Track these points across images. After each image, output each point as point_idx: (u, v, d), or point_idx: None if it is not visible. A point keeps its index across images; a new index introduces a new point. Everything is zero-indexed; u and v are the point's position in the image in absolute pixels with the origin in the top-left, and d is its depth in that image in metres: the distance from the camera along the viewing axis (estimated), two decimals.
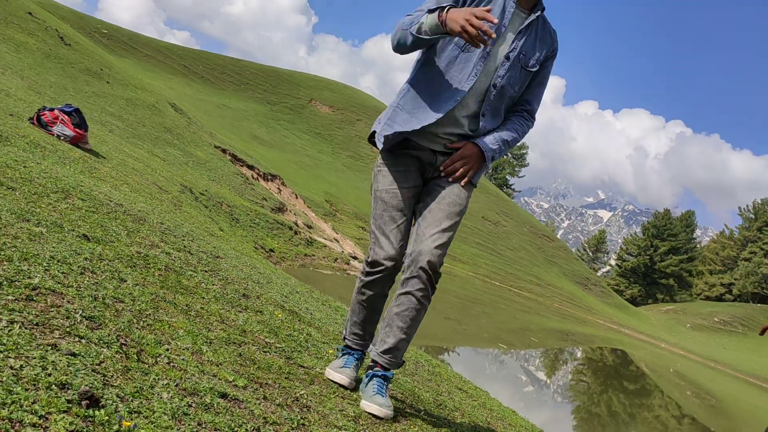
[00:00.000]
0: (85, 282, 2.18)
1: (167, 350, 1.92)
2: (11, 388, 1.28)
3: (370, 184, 2.58)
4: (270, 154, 28.71)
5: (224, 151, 17.27)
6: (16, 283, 1.87)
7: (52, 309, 1.80)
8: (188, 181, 10.57)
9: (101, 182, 5.15)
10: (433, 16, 2.23)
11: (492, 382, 9.96)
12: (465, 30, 2.12)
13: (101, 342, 1.73)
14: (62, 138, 6.39)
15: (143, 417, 1.42)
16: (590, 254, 78.88)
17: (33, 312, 1.72)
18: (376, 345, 2.48)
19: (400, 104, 2.51)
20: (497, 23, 2.17)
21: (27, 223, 2.59)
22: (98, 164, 6.17)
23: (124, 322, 1.97)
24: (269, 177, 18.97)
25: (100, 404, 1.37)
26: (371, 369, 2.47)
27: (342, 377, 2.50)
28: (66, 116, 6.53)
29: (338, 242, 17.67)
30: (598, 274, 69.13)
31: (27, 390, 1.30)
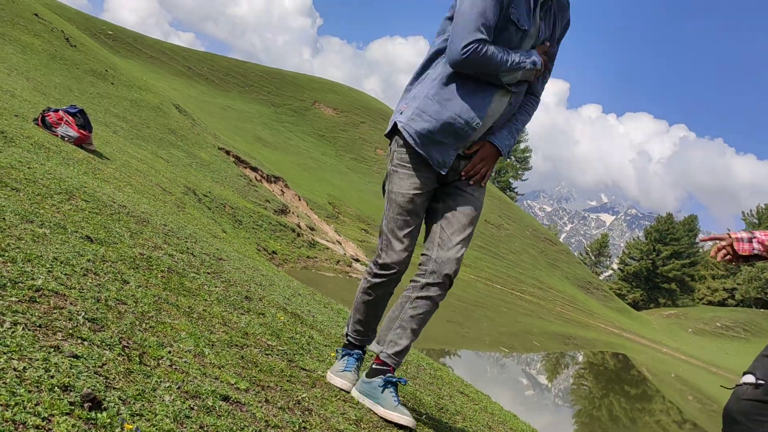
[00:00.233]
0: (88, 284, 2.19)
1: (169, 353, 1.92)
2: (14, 390, 1.28)
3: (383, 183, 2.54)
4: (274, 156, 28.74)
5: (228, 153, 17.30)
6: (20, 285, 1.88)
7: (55, 311, 1.81)
8: (192, 183, 10.59)
9: (105, 183, 5.17)
10: (530, 72, 2.39)
11: (493, 386, 9.95)
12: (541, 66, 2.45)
13: (104, 344, 1.73)
14: (66, 139, 6.41)
15: (145, 420, 1.43)
16: (593, 258, 78.77)
17: (36, 314, 1.72)
18: (385, 346, 2.45)
19: (431, 94, 2.39)
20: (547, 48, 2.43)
21: (31, 225, 2.60)
22: (102, 165, 6.19)
23: (127, 324, 1.97)
24: (272, 179, 18.99)
25: (103, 406, 1.38)
26: (382, 373, 2.43)
27: (344, 382, 2.51)
28: (70, 117, 6.55)
29: (341, 244, 17.68)
30: (601, 278, 69.03)
31: (30, 392, 1.31)
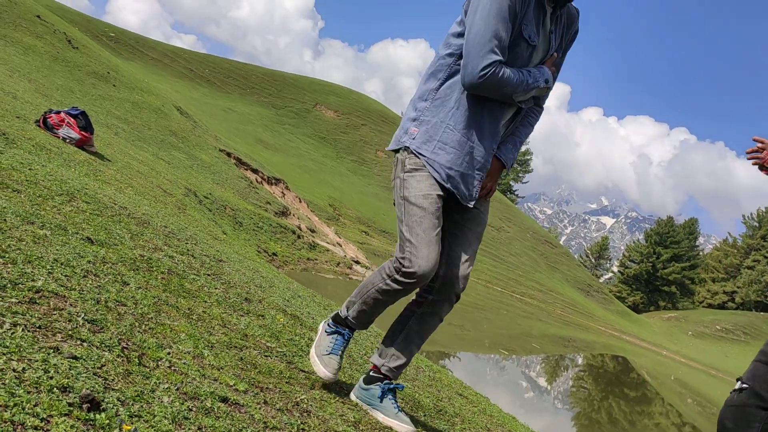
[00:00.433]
0: (88, 285, 2.20)
1: (168, 354, 1.93)
2: (14, 391, 1.29)
3: (393, 194, 2.42)
4: (274, 158, 28.76)
5: (229, 155, 17.32)
6: (20, 286, 1.89)
7: (55, 312, 1.82)
8: (192, 185, 10.60)
9: (106, 185, 5.18)
10: (543, 91, 2.40)
11: (492, 388, 9.95)
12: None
13: (103, 345, 1.74)
14: (68, 141, 6.42)
15: (144, 421, 1.44)
16: (593, 261, 78.71)
17: (36, 315, 1.73)
18: (387, 359, 2.43)
19: (450, 124, 2.33)
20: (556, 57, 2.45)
21: (31, 226, 2.61)
22: (103, 167, 6.20)
23: (126, 326, 1.98)
24: (273, 181, 19.00)
25: (101, 408, 1.39)
26: (380, 381, 2.40)
27: (326, 372, 2.35)
28: (72, 119, 6.56)
29: (341, 247, 17.68)
30: (601, 281, 68.95)
31: (29, 393, 1.32)
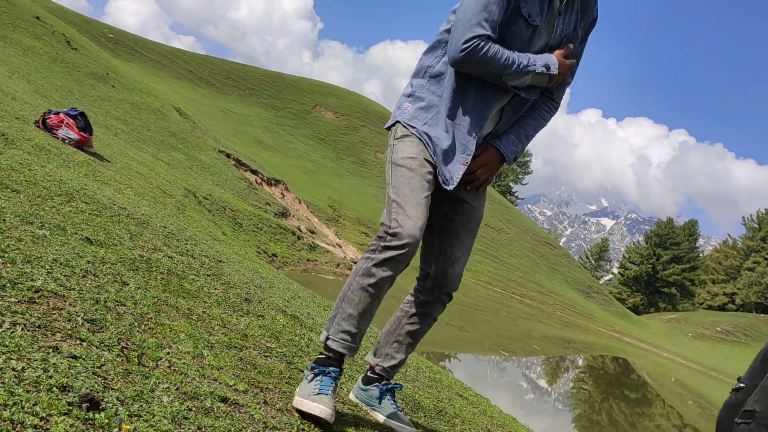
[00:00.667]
0: (88, 285, 2.19)
1: (168, 354, 1.93)
2: (13, 390, 1.29)
3: (384, 173, 2.23)
4: (274, 159, 28.75)
5: (228, 156, 17.32)
6: (19, 286, 1.88)
7: (54, 312, 1.81)
8: (192, 186, 10.60)
9: (105, 186, 5.17)
10: (543, 79, 2.18)
11: (493, 390, 9.94)
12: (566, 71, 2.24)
13: (102, 345, 1.74)
14: (67, 141, 6.42)
15: (143, 420, 1.43)
16: (593, 262, 78.73)
17: (35, 314, 1.73)
18: (381, 359, 2.35)
19: (441, 103, 2.18)
20: (570, 49, 2.23)
21: (31, 226, 2.61)
22: (102, 168, 6.20)
23: (126, 326, 1.98)
24: (273, 182, 19.00)
25: (101, 407, 1.38)
26: (377, 381, 2.36)
27: (321, 407, 1.91)
28: (71, 120, 6.56)
29: (341, 248, 17.69)
30: (601, 282, 68.96)
31: (28, 392, 1.31)
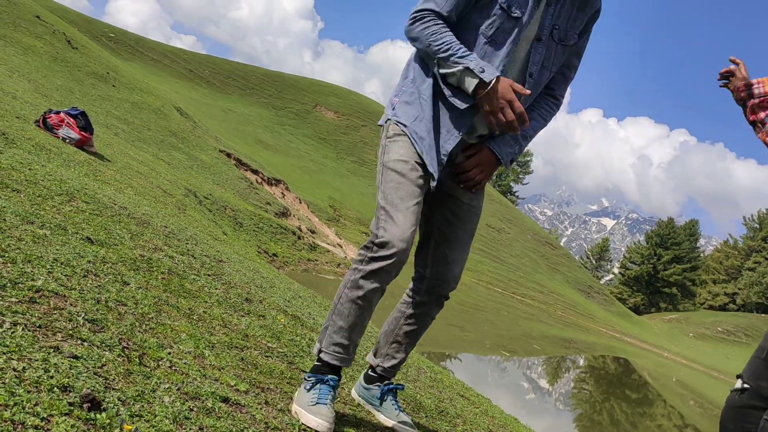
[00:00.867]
0: (88, 285, 2.19)
1: (169, 354, 1.92)
2: (13, 390, 1.28)
3: (377, 168, 2.16)
4: (274, 159, 28.74)
5: (229, 156, 17.31)
6: (20, 285, 1.88)
7: (55, 311, 1.81)
8: (192, 185, 10.59)
9: (106, 185, 5.17)
10: (472, 81, 1.98)
11: (494, 390, 9.93)
12: (495, 116, 1.96)
13: (103, 345, 1.73)
14: (67, 141, 6.41)
15: (144, 420, 1.43)
16: (593, 262, 78.69)
17: (36, 314, 1.72)
18: (381, 359, 2.32)
19: (423, 96, 2.10)
20: (528, 94, 1.97)
21: (31, 226, 2.60)
22: (103, 167, 6.19)
23: (127, 326, 1.97)
24: (273, 181, 19.00)
25: (102, 407, 1.38)
26: (379, 381, 2.32)
27: (319, 421, 1.88)
28: (72, 119, 6.55)
29: (341, 247, 17.68)
30: (601, 282, 68.94)
31: (29, 392, 1.30)
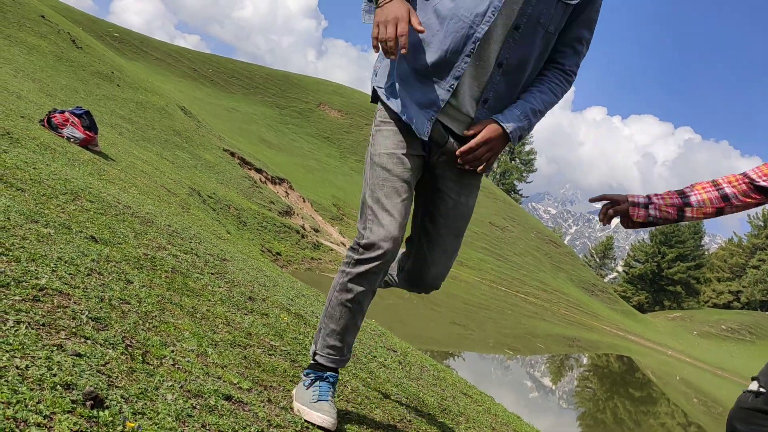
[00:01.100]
0: (92, 283, 2.20)
1: (172, 352, 1.93)
2: (16, 388, 1.29)
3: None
4: (278, 158, 28.76)
5: (233, 155, 17.33)
6: (24, 284, 1.89)
7: (59, 310, 1.82)
8: (196, 184, 10.61)
9: (110, 184, 5.18)
10: (369, 17, 1.91)
11: (497, 388, 9.93)
12: (377, 34, 1.80)
13: (107, 343, 1.74)
14: (72, 140, 6.43)
15: (147, 418, 1.43)
16: (597, 260, 78.55)
17: (39, 312, 1.73)
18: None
19: (408, 58, 1.97)
20: (423, 32, 1.80)
21: (35, 224, 2.61)
22: (107, 166, 6.21)
23: (130, 324, 1.98)
24: (277, 180, 19.01)
25: (105, 405, 1.38)
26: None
27: (324, 417, 1.89)
28: (76, 119, 6.57)
29: (345, 246, 17.69)
30: (605, 281, 68.79)
31: (32, 390, 1.31)
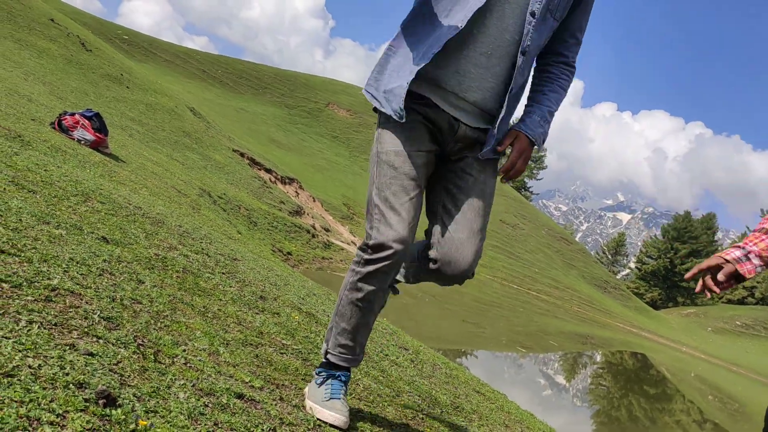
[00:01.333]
0: (104, 283, 2.20)
1: (184, 351, 1.93)
2: (29, 387, 1.29)
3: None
4: (287, 158, 28.81)
5: (242, 155, 17.38)
6: (36, 284, 1.89)
7: (71, 309, 1.82)
8: (207, 185, 10.65)
9: (121, 186, 5.20)
10: None
11: (510, 386, 9.90)
12: None
13: (119, 342, 1.74)
14: (83, 142, 6.46)
15: (159, 416, 1.43)
16: (609, 257, 78.17)
17: (52, 312, 1.74)
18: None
19: (393, 45, 1.96)
20: None
21: (47, 226, 2.62)
22: (118, 168, 6.24)
23: (142, 323, 1.98)
24: (287, 180, 19.05)
25: (117, 403, 1.38)
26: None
27: (336, 416, 1.90)
28: (87, 121, 6.61)
29: (355, 245, 17.70)
30: (618, 277, 68.45)
31: (45, 389, 1.31)
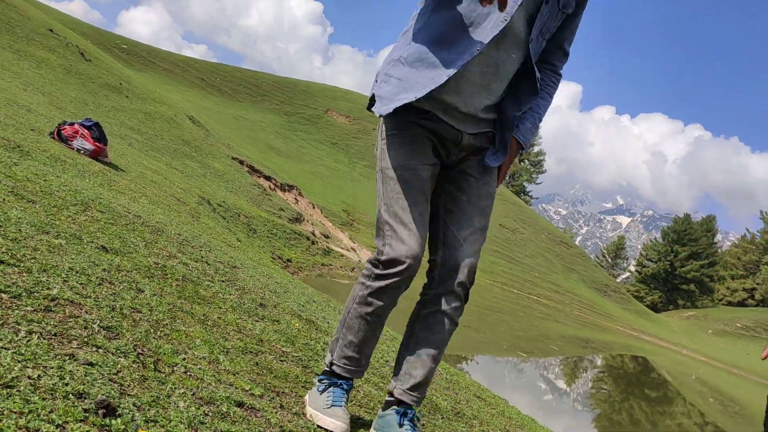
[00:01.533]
0: (103, 292, 2.21)
1: (184, 359, 1.93)
2: (29, 398, 1.29)
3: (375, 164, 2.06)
4: (287, 165, 28.84)
5: (242, 163, 17.40)
6: (35, 294, 1.90)
7: (70, 319, 1.83)
8: (206, 193, 10.65)
9: (120, 195, 5.21)
10: None
11: (511, 391, 9.88)
12: None
13: (118, 352, 1.74)
14: (82, 152, 6.47)
15: (159, 426, 1.43)
16: (609, 260, 78.19)
17: (51, 322, 1.74)
18: (400, 381, 2.02)
19: (402, 57, 1.96)
20: None
21: (46, 235, 2.63)
22: (117, 177, 6.25)
23: (142, 332, 1.98)
24: (286, 187, 19.07)
25: (117, 413, 1.39)
26: (396, 404, 2.01)
27: (336, 422, 1.91)
28: (86, 130, 6.62)
29: (355, 252, 17.71)
30: (618, 281, 68.42)
31: (44, 399, 1.32)
